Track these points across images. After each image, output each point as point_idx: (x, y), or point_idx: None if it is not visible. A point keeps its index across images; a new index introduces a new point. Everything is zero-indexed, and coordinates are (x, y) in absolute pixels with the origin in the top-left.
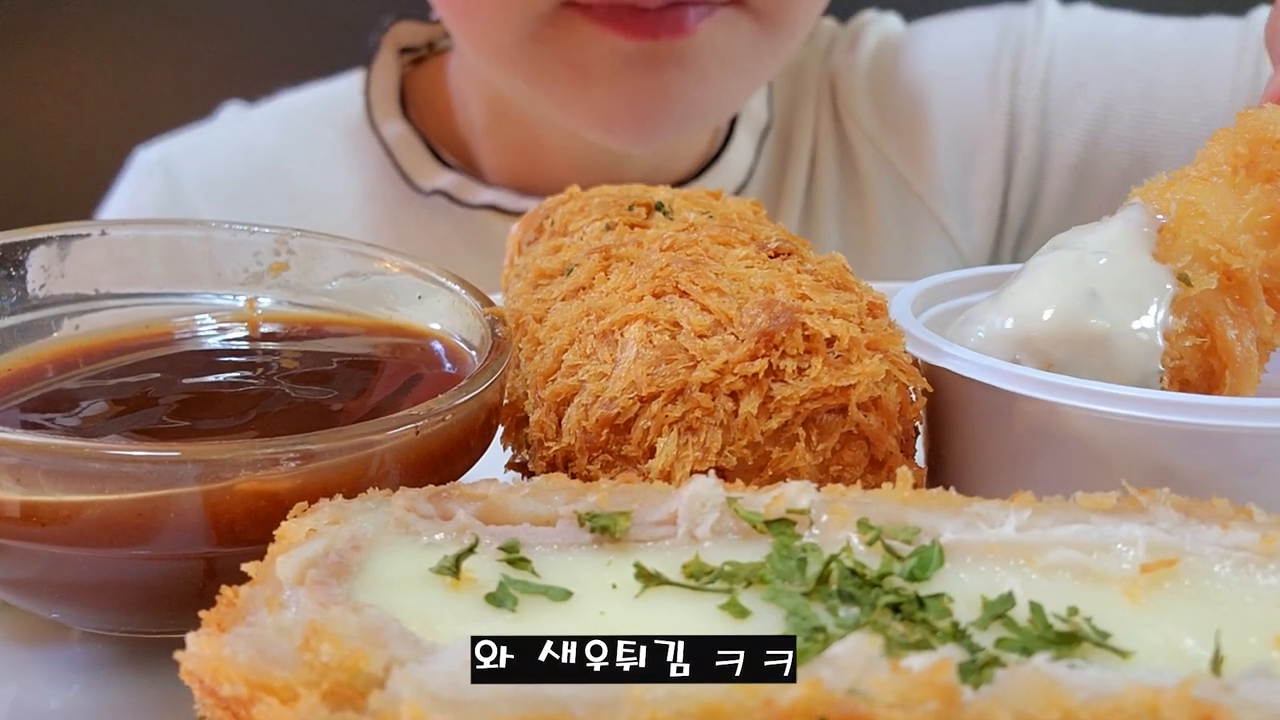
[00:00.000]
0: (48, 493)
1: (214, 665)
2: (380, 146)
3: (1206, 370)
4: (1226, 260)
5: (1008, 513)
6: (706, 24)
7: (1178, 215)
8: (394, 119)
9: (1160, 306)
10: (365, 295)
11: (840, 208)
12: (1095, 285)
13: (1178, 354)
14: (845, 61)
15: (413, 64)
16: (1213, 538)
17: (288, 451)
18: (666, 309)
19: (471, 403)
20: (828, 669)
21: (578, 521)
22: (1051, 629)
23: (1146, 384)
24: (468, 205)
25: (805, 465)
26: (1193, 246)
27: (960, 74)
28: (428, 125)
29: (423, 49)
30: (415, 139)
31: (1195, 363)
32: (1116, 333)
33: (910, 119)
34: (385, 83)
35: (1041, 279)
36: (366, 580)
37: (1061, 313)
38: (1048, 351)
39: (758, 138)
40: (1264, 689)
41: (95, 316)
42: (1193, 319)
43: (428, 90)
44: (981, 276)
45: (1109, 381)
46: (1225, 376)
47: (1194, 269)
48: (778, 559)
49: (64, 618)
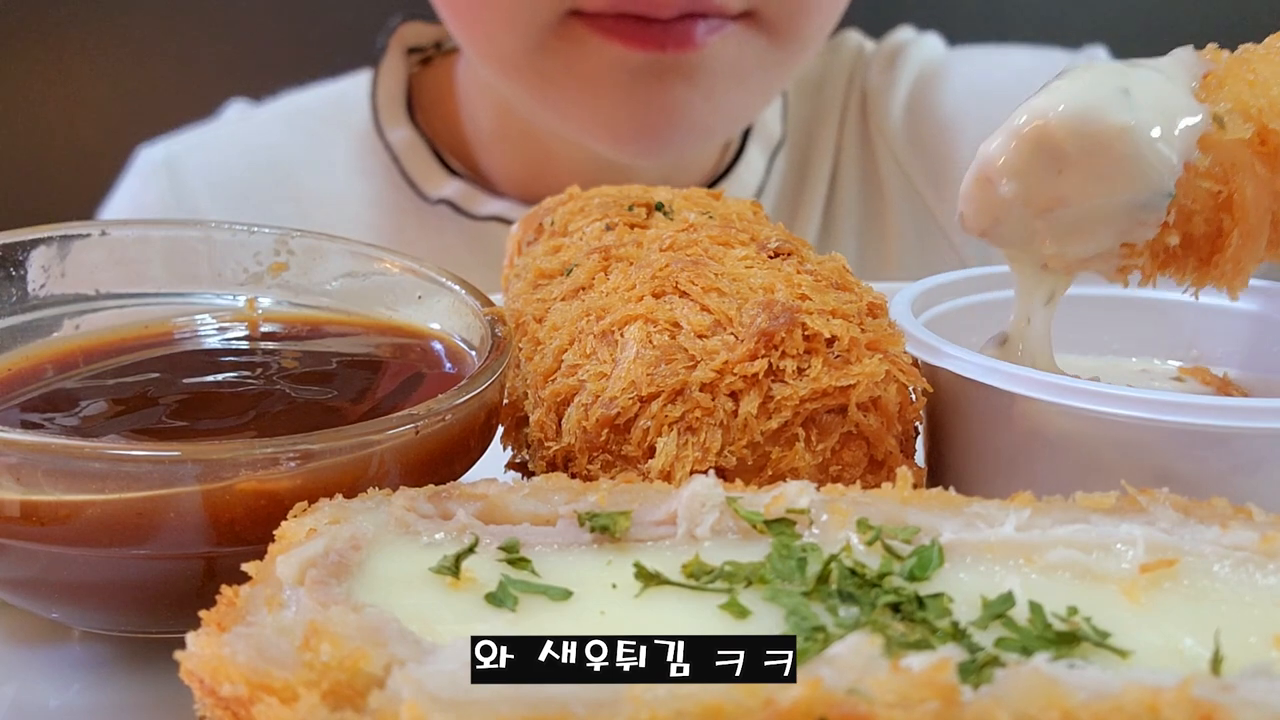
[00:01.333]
0: (48, 492)
1: (214, 665)
2: (387, 152)
3: (1215, 225)
4: (1266, 120)
5: (1007, 512)
6: (716, 38)
7: (1228, 66)
8: (401, 125)
9: (1189, 132)
10: (365, 295)
11: (859, 229)
12: (1130, 86)
13: (1191, 194)
14: (881, 81)
15: (420, 64)
16: (1212, 537)
17: (287, 451)
18: (666, 309)
19: (471, 403)
20: (828, 669)
21: (578, 521)
22: (1051, 629)
23: (1153, 205)
24: (474, 216)
25: (805, 465)
26: (1235, 96)
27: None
28: (435, 129)
29: (430, 49)
30: (422, 145)
31: (1206, 213)
32: (1137, 135)
33: (941, 148)
34: (392, 86)
35: (1077, 78)
36: (366, 580)
37: (1086, 104)
38: (1059, 146)
39: (770, 152)
40: (1263, 688)
41: (95, 316)
42: (1215, 164)
43: (435, 93)
44: (981, 277)
45: (1113, 190)
46: (1232, 237)
47: (1231, 117)
48: (778, 559)
49: (64, 618)
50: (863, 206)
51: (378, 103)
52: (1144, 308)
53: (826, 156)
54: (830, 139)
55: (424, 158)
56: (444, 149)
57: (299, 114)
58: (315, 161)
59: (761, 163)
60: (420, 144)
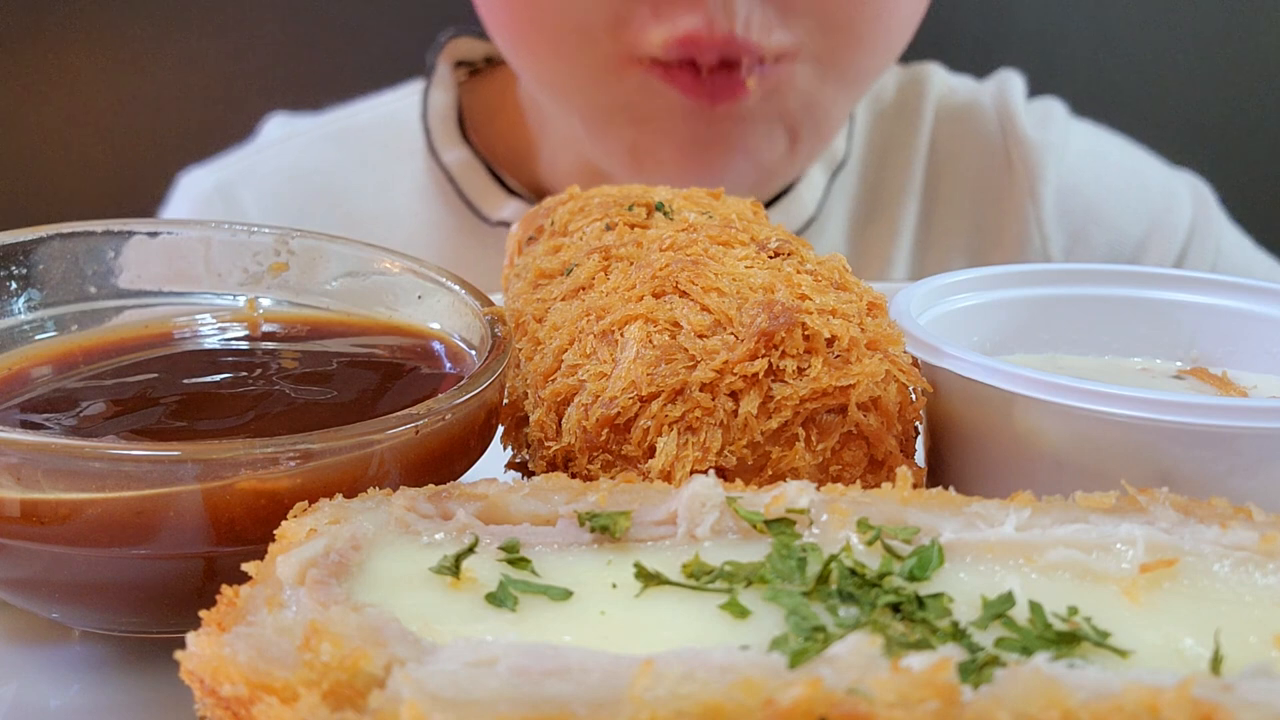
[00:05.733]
0: (48, 492)
1: (214, 665)
2: (443, 174)
3: None
4: None
5: (1007, 512)
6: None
7: None
8: (455, 145)
9: None
10: (365, 295)
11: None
12: None
13: None
14: (1042, 138)
15: (469, 75)
16: (1212, 537)
17: (287, 451)
18: (666, 309)
19: (471, 402)
20: (828, 668)
21: (578, 521)
22: (1051, 629)
23: None
24: None
25: (805, 465)
26: None
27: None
28: (489, 147)
29: (479, 63)
30: (479, 165)
31: None
32: None
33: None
34: (443, 104)
35: None
36: (366, 580)
37: None
38: None
39: (830, 172)
40: (1263, 688)
41: (95, 316)
42: None
43: (487, 109)
44: (982, 277)
45: None
46: None
47: None
48: (777, 559)
49: (64, 618)
50: (974, 241)
51: (429, 124)
52: (1144, 308)
53: (905, 182)
54: (914, 165)
55: (481, 178)
56: (500, 167)
57: (348, 134)
58: (370, 185)
59: (822, 181)
60: (476, 164)
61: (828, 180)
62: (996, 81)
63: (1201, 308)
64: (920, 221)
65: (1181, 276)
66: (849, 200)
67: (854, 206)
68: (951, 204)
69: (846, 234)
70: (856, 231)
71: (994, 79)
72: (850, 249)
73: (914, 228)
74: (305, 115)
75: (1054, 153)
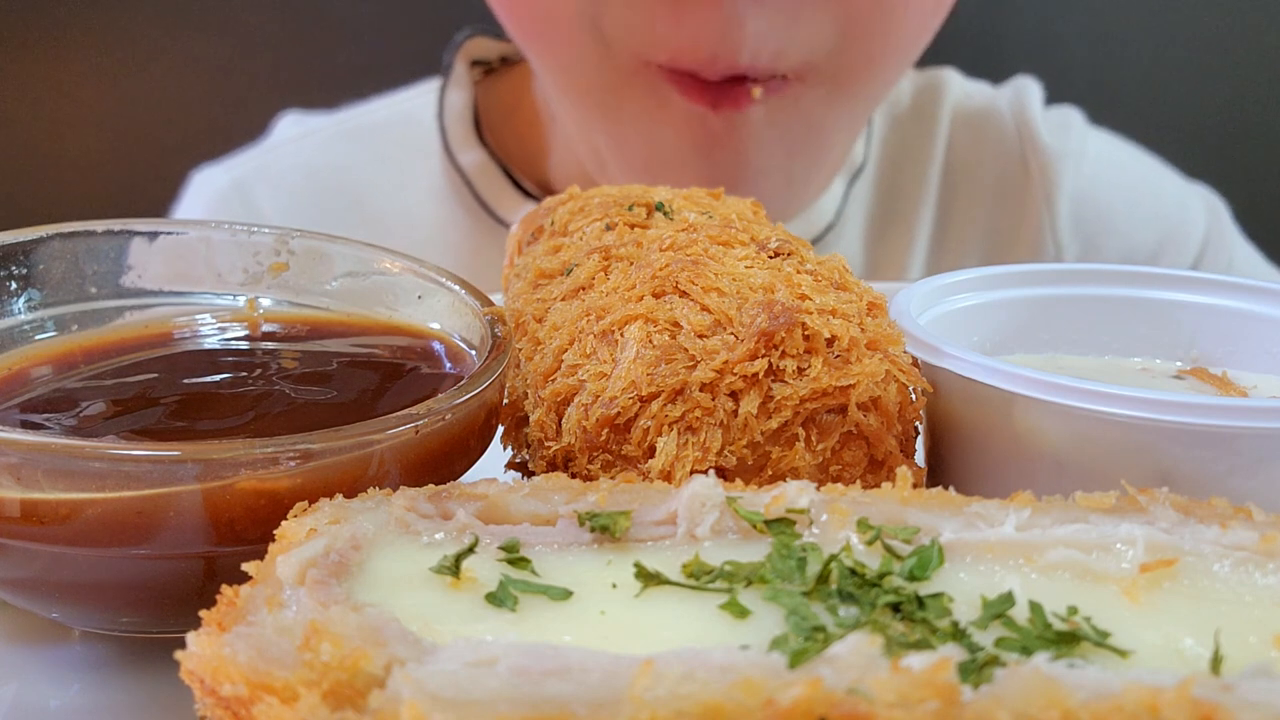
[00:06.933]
0: (48, 492)
1: (214, 665)
2: (459, 175)
3: None
4: None
5: (1007, 512)
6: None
7: None
8: (471, 147)
9: None
10: (365, 295)
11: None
12: None
13: None
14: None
15: (484, 75)
16: (1212, 537)
17: (287, 451)
18: (666, 309)
19: (471, 402)
20: (828, 668)
21: (578, 521)
22: (1051, 628)
23: None
24: None
25: (805, 465)
26: None
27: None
28: (505, 148)
29: (495, 62)
30: (494, 168)
31: None
32: None
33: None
34: (459, 105)
35: None
36: (366, 580)
37: None
38: None
39: (849, 178)
40: (1263, 688)
41: (95, 316)
42: None
43: (502, 109)
44: (982, 277)
45: None
46: None
47: None
48: (777, 559)
49: (64, 618)
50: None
51: (445, 125)
52: (1144, 308)
53: (921, 188)
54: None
55: (497, 181)
56: (515, 169)
57: (364, 132)
58: (386, 183)
59: (840, 188)
60: (492, 166)
61: (846, 186)
62: (1014, 88)
63: (1201, 308)
64: (936, 227)
65: (1181, 276)
66: (866, 206)
67: (871, 212)
68: (967, 210)
69: (864, 239)
70: (873, 237)
71: (1010, 85)
72: (867, 254)
73: (930, 233)
74: (317, 113)
75: (1071, 161)
